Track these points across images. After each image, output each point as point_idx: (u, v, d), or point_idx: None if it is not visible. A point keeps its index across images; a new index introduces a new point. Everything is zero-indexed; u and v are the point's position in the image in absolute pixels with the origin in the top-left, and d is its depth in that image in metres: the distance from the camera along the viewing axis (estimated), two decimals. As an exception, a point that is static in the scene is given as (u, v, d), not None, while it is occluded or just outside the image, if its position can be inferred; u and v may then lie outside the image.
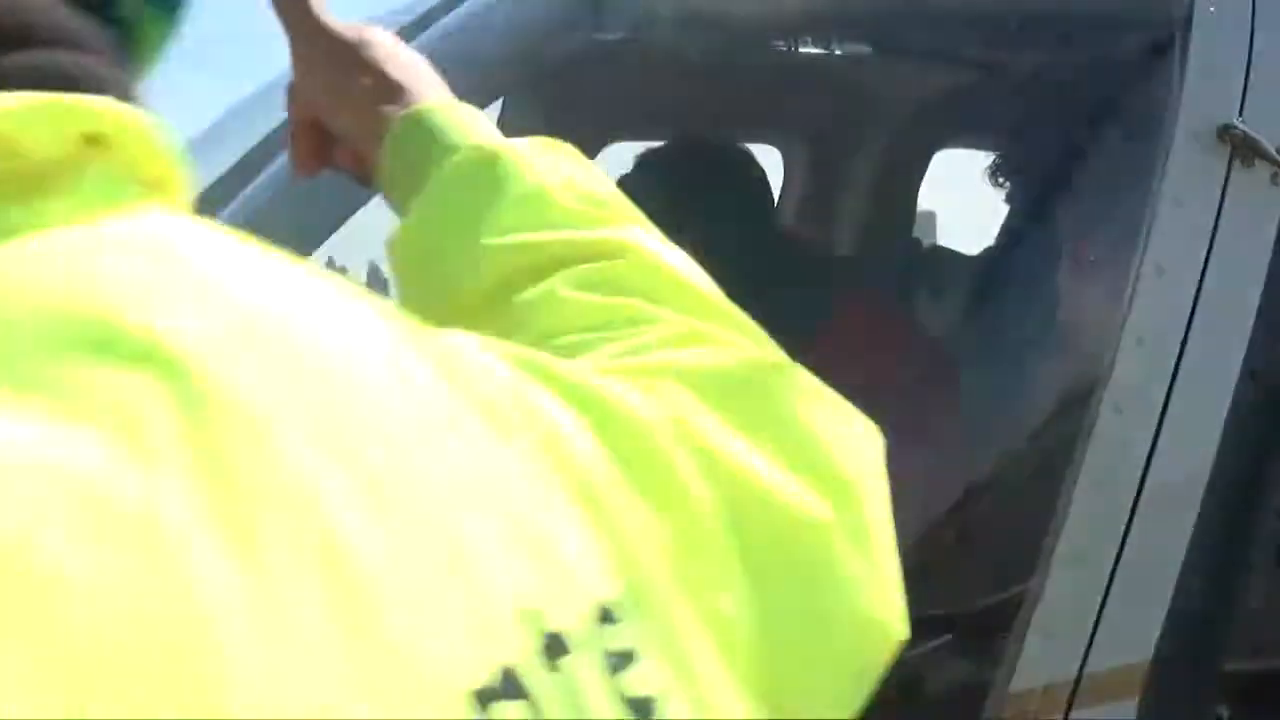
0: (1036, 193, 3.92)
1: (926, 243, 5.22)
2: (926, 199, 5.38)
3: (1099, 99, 3.44)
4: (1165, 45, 2.88)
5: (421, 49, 2.81)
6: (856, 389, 3.23)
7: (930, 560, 2.73)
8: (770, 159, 5.09)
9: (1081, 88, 3.64)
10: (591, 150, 4.66)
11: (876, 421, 3.16)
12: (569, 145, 1.37)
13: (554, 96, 4.49)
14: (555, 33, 2.91)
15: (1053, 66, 3.95)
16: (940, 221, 5.69)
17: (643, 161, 3.69)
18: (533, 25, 2.99)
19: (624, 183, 3.53)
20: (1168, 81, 2.82)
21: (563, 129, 4.54)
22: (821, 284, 3.74)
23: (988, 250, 4.15)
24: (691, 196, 3.50)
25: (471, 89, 2.85)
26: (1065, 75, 3.77)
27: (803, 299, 3.64)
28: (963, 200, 5.38)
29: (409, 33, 2.88)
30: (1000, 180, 4.32)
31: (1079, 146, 3.46)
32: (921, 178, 5.30)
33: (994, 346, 3.21)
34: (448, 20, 2.96)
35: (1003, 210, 4.35)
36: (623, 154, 4.65)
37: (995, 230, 4.50)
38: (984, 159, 4.70)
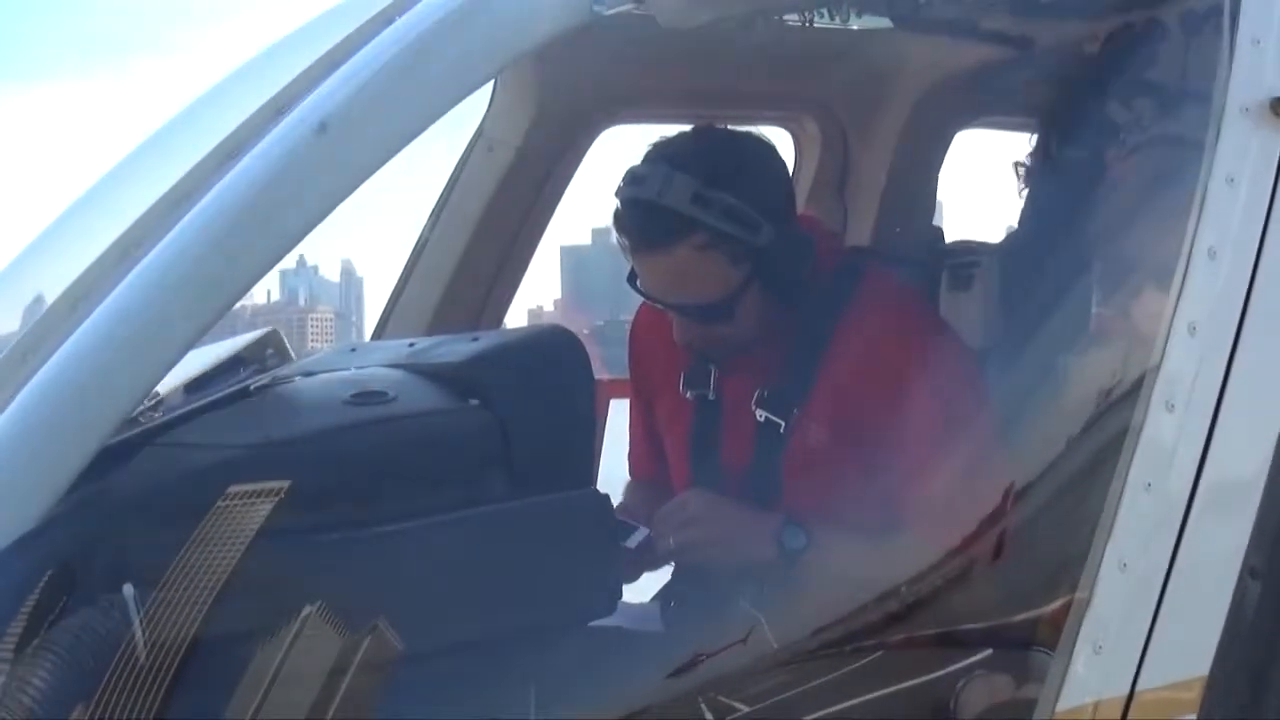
0: (1069, 176, 3.91)
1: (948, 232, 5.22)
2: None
3: (1139, 73, 3.43)
4: (1213, 13, 2.88)
5: (410, 27, 2.83)
6: (880, 388, 3.24)
7: (968, 570, 2.72)
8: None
9: (1119, 61, 3.63)
10: (590, 134, 4.67)
11: (897, 422, 3.16)
12: None
13: (549, 75, 4.50)
14: (550, 5, 2.88)
15: (1086, 39, 3.94)
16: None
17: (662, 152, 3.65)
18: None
19: (639, 173, 3.52)
20: (1216, 52, 2.82)
21: (558, 110, 4.55)
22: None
23: (1017, 238, 4.13)
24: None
25: (463, 69, 2.86)
26: (1101, 48, 3.76)
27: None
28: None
29: (399, 5, 2.87)
30: (1025, 164, 4.31)
31: (1117, 125, 3.45)
32: (943, 160, 5.30)
33: (1030, 341, 3.21)
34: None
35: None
36: (624, 137, 4.67)
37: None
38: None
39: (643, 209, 3.48)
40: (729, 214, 3.43)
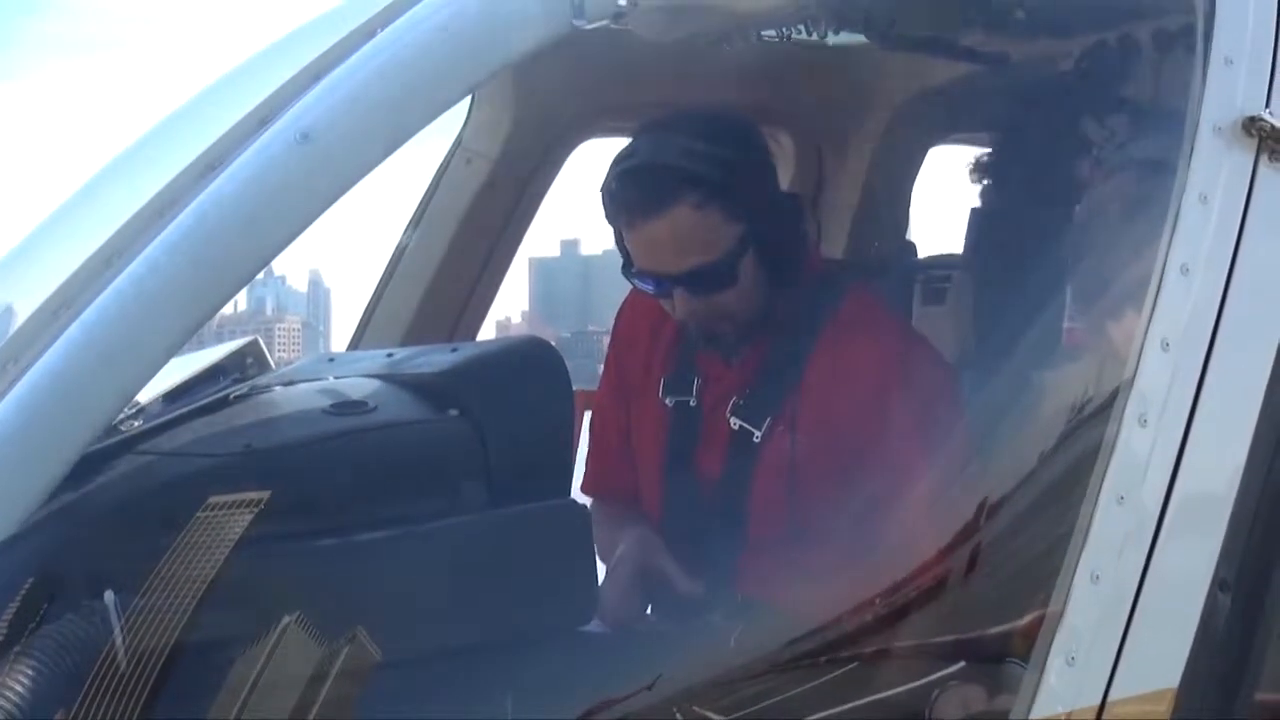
0: (1041, 192, 3.92)
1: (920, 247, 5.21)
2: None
3: (1113, 90, 3.44)
4: (1185, 32, 2.89)
5: (393, 39, 2.82)
6: (858, 402, 3.23)
7: (942, 582, 2.72)
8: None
9: (1093, 79, 3.65)
10: (568, 147, 4.66)
11: (873, 436, 3.15)
12: None
13: (527, 88, 4.48)
14: (529, 20, 2.87)
15: (1060, 57, 3.95)
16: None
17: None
18: (507, 12, 2.96)
19: (630, 148, 3.50)
20: (1189, 72, 2.83)
21: (536, 123, 4.52)
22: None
23: (990, 253, 4.14)
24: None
25: (445, 82, 2.85)
26: (1075, 66, 3.77)
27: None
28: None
29: (382, 18, 2.87)
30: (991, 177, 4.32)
31: (1090, 141, 3.46)
32: (916, 176, 5.30)
33: (1004, 356, 3.20)
34: (419, 8, 2.93)
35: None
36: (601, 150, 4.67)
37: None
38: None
39: (638, 174, 3.55)
40: (720, 163, 3.50)
